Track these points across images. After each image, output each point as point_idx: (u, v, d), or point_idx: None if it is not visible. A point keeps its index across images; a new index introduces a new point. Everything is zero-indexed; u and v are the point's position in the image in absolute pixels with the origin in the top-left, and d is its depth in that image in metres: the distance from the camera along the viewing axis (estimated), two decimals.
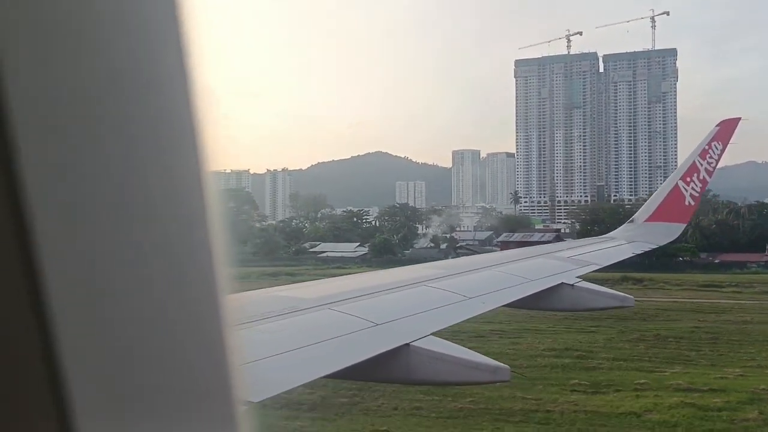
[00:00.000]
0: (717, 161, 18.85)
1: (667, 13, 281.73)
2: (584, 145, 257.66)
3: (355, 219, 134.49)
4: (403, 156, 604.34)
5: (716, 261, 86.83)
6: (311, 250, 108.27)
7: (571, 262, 12.66)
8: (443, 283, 8.88)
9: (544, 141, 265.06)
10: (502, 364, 6.60)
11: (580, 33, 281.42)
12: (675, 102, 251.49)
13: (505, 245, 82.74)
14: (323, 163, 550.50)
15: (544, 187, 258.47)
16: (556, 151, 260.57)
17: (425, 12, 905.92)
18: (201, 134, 0.98)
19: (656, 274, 68.42)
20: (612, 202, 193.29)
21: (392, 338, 6.05)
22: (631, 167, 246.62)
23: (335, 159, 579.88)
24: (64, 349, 0.82)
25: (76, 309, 0.85)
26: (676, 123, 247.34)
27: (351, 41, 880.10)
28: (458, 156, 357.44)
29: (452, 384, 9.25)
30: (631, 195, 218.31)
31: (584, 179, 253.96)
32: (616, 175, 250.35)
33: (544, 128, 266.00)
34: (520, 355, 27.63)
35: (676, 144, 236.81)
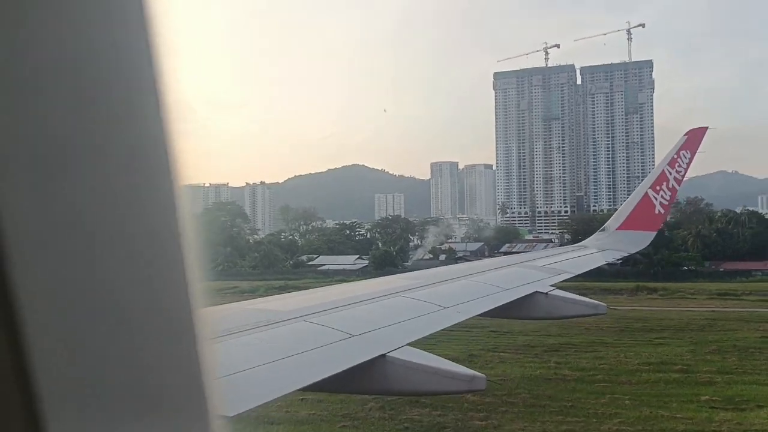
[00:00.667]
0: (686, 170, 19.20)
1: (643, 26, 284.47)
2: (563, 156, 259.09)
3: (347, 231, 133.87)
4: (380, 168, 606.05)
5: (721, 269, 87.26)
6: (310, 263, 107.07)
7: (544, 270, 12.79)
8: (419, 293, 8.91)
9: (523, 152, 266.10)
10: (478, 374, 6.64)
11: (558, 45, 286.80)
12: (652, 112, 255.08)
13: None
14: (300, 176, 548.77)
15: (524, 198, 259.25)
16: (535, 163, 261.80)
17: (400, 23, 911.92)
18: (173, 147, 0.98)
19: (667, 284, 68.80)
20: (591, 212, 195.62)
21: (368, 349, 6.06)
22: (609, 177, 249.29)
23: (312, 172, 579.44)
24: (37, 360, 0.81)
25: (49, 316, 0.84)
26: (653, 133, 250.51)
27: (325, 52, 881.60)
28: (436, 168, 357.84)
29: (429, 394, 9.27)
30: (610, 205, 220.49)
31: (564, 190, 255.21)
32: (595, 185, 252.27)
33: (523, 140, 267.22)
34: (618, 371, 26.71)
35: (653, 154, 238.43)
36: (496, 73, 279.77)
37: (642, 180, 22.93)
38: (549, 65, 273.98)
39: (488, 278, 11.09)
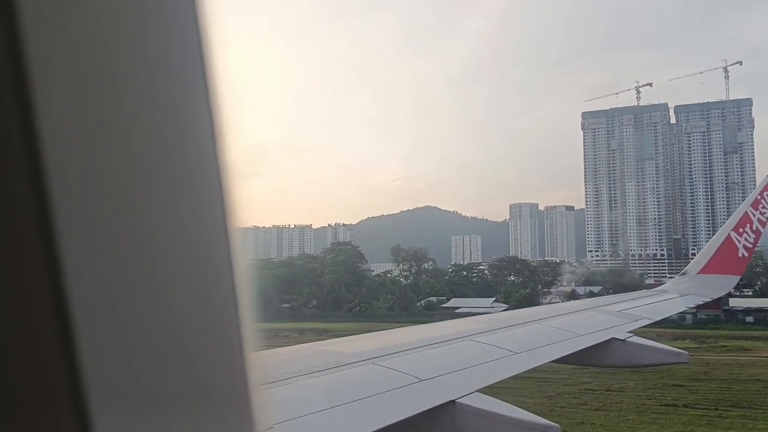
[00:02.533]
0: None
1: (740, 63, 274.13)
2: (658, 198, 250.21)
3: (464, 273, 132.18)
4: (452, 210, 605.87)
5: None
6: (443, 305, 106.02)
7: (620, 316, 12.32)
8: (489, 337, 8.71)
9: (614, 193, 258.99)
10: (552, 423, 6.37)
11: (650, 84, 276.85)
12: (753, 152, 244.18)
13: None
14: (373, 217, 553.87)
15: (615, 241, 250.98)
16: (628, 204, 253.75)
17: (468, 65, 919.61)
18: (227, 186, 1.01)
19: None
20: (690, 255, 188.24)
21: (437, 394, 5.92)
22: (708, 220, 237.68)
23: (384, 213, 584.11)
24: (86, 360, 0.83)
25: (101, 319, 0.86)
26: (754, 173, 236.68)
27: (393, 94, 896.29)
28: (515, 209, 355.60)
29: None
30: None
31: (659, 232, 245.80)
32: (693, 227, 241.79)
33: (614, 180, 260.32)
34: None
35: None
36: (584, 113, 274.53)
37: None
38: (641, 104, 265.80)
39: (562, 323, 10.76)
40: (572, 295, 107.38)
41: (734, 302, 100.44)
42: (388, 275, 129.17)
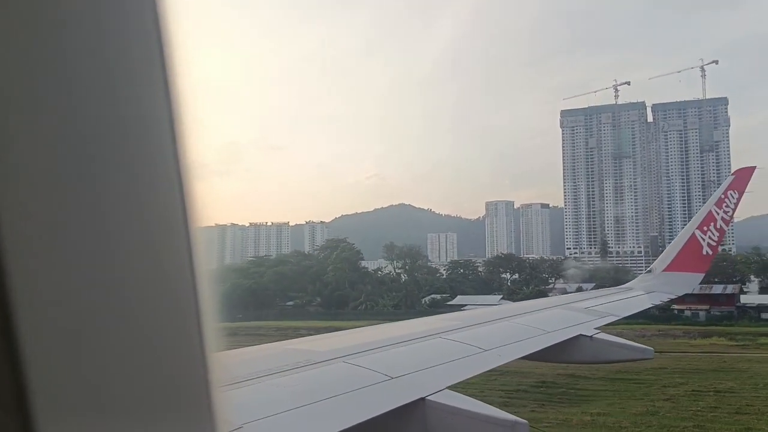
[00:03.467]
0: (734, 210, 18.73)
1: (716, 62, 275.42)
2: (635, 195, 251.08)
3: (461, 270, 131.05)
4: (426, 208, 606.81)
5: None
6: (449, 303, 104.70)
7: (588, 313, 12.48)
8: (459, 335, 8.76)
9: (592, 191, 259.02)
10: (520, 419, 6.43)
11: (628, 83, 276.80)
12: (728, 151, 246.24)
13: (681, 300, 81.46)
14: (347, 215, 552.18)
15: (594, 238, 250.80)
16: (606, 201, 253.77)
17: (440, 64, 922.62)
18: (188, 185, 0.99)
19: None
20: None
21: (407, 392, 5.94)
22: (685, 217, 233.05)
23: (358, 211, 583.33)
24: (31, 360, 0.80)
25: (47, 317, 0.84)
26: (730, 172, 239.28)
27: (366, 93, 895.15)
28: (492, 207, 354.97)
29: None
30: None
31: (637, 230, 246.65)
32: (670, 225, 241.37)
33: (592, 178, 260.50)
34: None
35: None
36: (563, 111, 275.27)
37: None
38: (619, 103, 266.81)
39: (530, 320, 10.87)
40: (578, 292, 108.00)
41: (745, 299, 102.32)
42: (379, 272, 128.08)
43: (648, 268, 19.36)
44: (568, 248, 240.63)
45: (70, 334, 0.86)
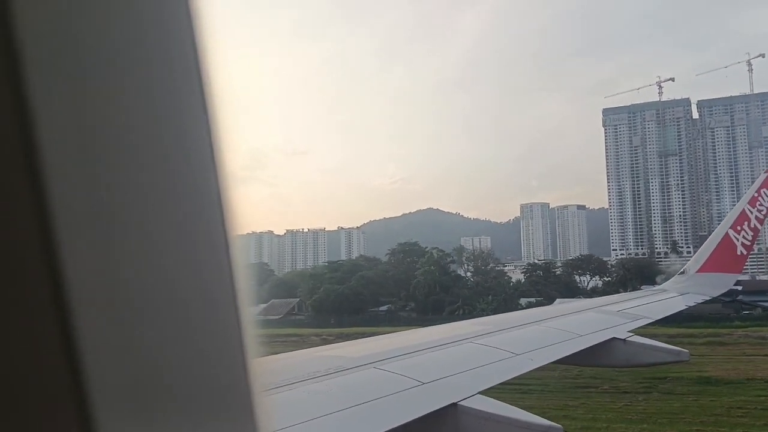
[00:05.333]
0: None
1: (763, 56, 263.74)
2: (683, 194, 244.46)
3: (539, 272, 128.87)
4: (454, 212, 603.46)
5: None
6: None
7: (621, 316, 12.34)
8: (490, 339, 8.74)
9: (638, 190, 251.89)
10: (554, 424, 6.39)
11: (672, 79, 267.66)
12: None
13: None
14: (375, 220, 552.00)
15: (641, 239, 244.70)
16: (652, 201, 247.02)
17: (461, 66, 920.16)
18: (226, 191, 1.01)
19: None
20: None
21: (439, 398, 5.94)
22: None
23: (386, 216, 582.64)
24: (89, 360, 0.83)
25: (102, 317, 0.87)
26: None
27: (388, 96, 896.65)
28: (527, 209, 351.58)
29: None
30: None
31: (685, 229, 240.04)
32: (719, 223, 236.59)
33: (637, 177, 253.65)
34: None
35: None
36: (605, 109, 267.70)
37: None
38: (663, 99, 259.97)
39: (562, 324, 10.79)
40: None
41: None
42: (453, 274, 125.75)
43: (682, 269, 19.08)
44: (614, 249, 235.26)
45: (119, 338, 0.89)
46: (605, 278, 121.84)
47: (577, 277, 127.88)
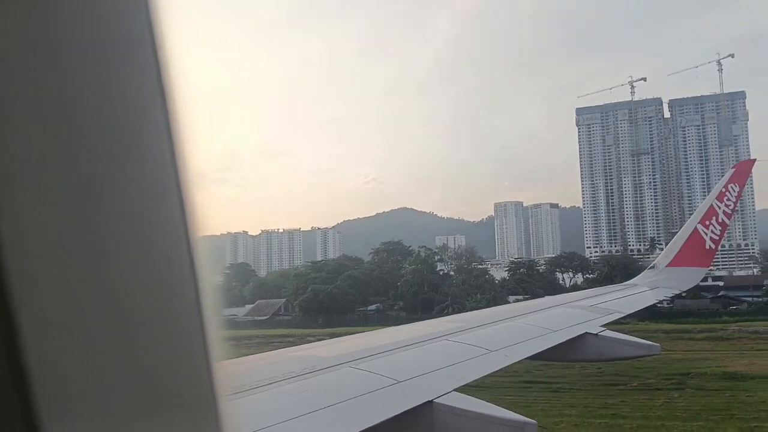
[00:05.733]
0: (735, 203, 18.71)
1: (732, 56, 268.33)
2: (655, 192, 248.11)
3: (522, 270, 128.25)
4: (428, 211, 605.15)
5: None
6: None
7: (593, 310, 12.46)
8: (464, 336, 8.75)
9: (611, 188, 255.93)
10: (528, 419, 6.42)
11: (644, 79, 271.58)
12: (747, 145, 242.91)
13: None
14: (349, 220, 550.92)
15: (614, 237, 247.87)
16: (625, 199, 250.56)
17: (435, 66, 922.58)
18: (188, 193, 0.99)
19: None
20: None
21: (414, 396, 5.93)
22: None
23: (360, 216, 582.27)
24: (35, 362, 0.81)
25: (49, 319, 0.84)
26: None
27: (362, 98, 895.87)
28: (500, 208, 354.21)
29: None
30: None
31: (657, 226, 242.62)
32: None
33: (610, 176, 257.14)
34: None
35: (752, 187, 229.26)
36: (578, 109, 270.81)
37: (741, 214, 21.84)
38: (635, 99, 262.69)
39: (535, 320, 10.85)
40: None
41: None
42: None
43: (651, 264, 19.34)
44: (588, 247, 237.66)
45: (73, 342, 0.86)
46: (588, 275, 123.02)
47: (560, 275, 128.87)
